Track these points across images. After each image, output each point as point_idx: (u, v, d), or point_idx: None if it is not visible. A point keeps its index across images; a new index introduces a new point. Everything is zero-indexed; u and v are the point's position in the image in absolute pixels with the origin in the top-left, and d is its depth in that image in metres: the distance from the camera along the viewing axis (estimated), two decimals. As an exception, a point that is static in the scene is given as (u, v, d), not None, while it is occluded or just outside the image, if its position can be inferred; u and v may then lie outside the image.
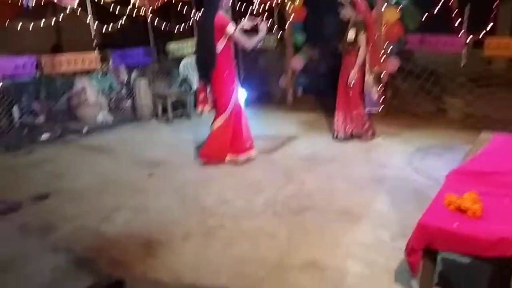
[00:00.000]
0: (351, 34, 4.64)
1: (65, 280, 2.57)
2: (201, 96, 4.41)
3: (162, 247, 2.89)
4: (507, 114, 5.18)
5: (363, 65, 4.73)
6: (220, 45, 4.07)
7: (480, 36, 5.10)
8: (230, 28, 4.01)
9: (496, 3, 4.90)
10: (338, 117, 5.01)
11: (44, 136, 5.50)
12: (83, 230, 3.17)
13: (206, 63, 4.17)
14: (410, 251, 2.06)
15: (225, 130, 4.29)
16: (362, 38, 4.61)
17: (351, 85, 4.77)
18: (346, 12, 4.69)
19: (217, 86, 4.22)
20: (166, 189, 3.87)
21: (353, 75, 4.71)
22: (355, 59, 4.69)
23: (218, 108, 4.31)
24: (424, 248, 2.02)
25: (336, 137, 5.06)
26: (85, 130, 5.77)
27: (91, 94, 6.07)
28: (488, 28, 5.02)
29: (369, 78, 4.78)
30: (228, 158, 4.40)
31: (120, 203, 3.60)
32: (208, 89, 4.32)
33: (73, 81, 5.99)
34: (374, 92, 4.83)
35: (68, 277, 2.60)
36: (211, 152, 4.39)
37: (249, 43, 4.17)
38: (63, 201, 3.70)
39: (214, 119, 4.36)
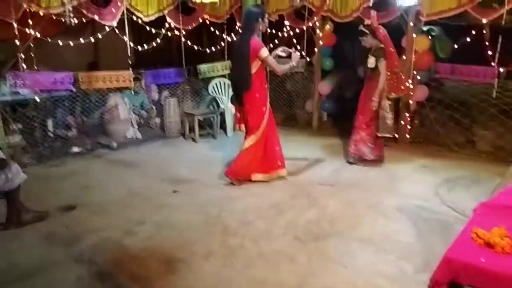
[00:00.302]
0: (371, 61, 4.80)
1: (87, 291, 2.63)
2: (238, 115, 4.58)
3: (182, 265, 2.91)
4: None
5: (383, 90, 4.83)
6: (253, 68, 4.20)
7: (512, 68, 5.02)
8: (264, 52, 4.15)
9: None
10: (351, 141, 5.11)
11: (76, 149, 5.69)
12: (107, 242, 3.24)
13: (240, 84, 4.31)
14: (434, 284, 2.01)
15: (256, 149, 4.40)
16: (382, 65, 4.73)
17: (373, 109, 4.86)
18: (367, 40, 4.83)
19: (249, 107, 4.33)
20: (190, 206, 3.92)
21: (376, 100, 4.81)
22: (376, 84, 4.79)
23: (249, 128, 4.41)
24: (449, 283, 1.97)
25: (349, 160, 5.15)
26: (115, 145, 5.94)
27: (123, 111, 6.26)
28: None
29: (385, 104, 4.86)
30: (255, 177, 4.46)
31: (144, 217, 3.67)
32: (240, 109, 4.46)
33: (107, 97, 6.21)
34: (388, 118, 4.90)
35: (90, 288, 2.66)
36: (239, 170, 4.45)
37: (280, 69, 4.30)
38: (90, 213, 3.80)
39: (245, 138, 4.45)
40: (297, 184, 4.47)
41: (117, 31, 5.49)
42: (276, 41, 7.03)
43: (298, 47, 6.22)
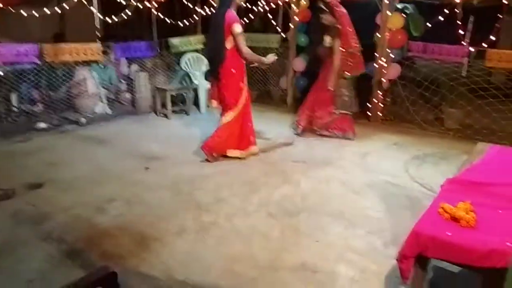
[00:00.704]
0: (327, 40, 4.96)
1: (57, 270, 2.57)
2: (212, 90, 4.50)
3: (155, 242, 2.89)
4: (504, 126, 5.21)
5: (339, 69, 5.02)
6: (229, 42, 4.11)
7: (482, 47, 5.12)
8: (236, 27, 4.06)
9: (498, 16, 4.92)
10: (301, 113, 5.35)
11: (42, 124, 5.48)
12: (77, 220, 3.17)
13: (215, 57, 4.23)
14: (402, 257, 2.07)
15: (233, 126, 4.36)
16: (337, 44, 4.89)
17: (330, 87, 5.04)
18: (326, 18, 4.94)
19: (225, 82, 4.26)
20: (162, 183, 3.87)
21: (332, 78, 5.00)
22: (330, 62, 5.00)
23: (226, 104, 4.35)
24: (417, 256, 2.03)
25: (297, 132, 5.39)
26: (83, 121, 5.76)
27: (91, 85, 6.05)
28: (490, 40, 5.04)
29: (342, 82, 5.06)
30: (230, 152, 4.45)
31: (115, 195, 3.60)
32: (216, 85, 4.38)
33: (74, 71, 5.97)
34: (345, 95, 5.12)
35: (60, 266, 2.60)
36: (216, 145, 4.41)
37: (247, 51, 4.18)
38: (58, 190, 3.69)
39: (222, 115, 4.40)
40: (270, 162, 4.48)
41: (84, 1, 5.24)
42: (251, 16, 6.91)
43: (274, 22, 6.12)
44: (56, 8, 5.10)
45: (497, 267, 1.80)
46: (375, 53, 5.79)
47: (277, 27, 6.97)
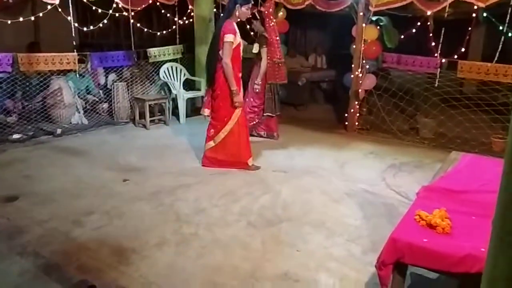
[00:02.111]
0: (255, 47, 5.31)
1: (33, 285, 2.51)
2: (206, 99, 4.55)
3: (134, 254, 2.85)
4: (475, 136, 5.39)
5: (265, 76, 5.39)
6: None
7: (453, 59, 5.32)
8: (226, 37, 4.08)
9: (468, 29, 5.13)
10: None
11: (16, 135, 5.34)
12: (53, 234, 3.10)
13: (209, 67, 4.30)
14: (380, 264, 2.11)
15: (236, 137, 4.38)
16: (264, 51, 5.26)
17: (256, 92, 5.41)
18: (256, 25, 5.34)
19: (220, 92, 4.28)
20: (141, 195, 3.82)
21: (258, 84, 5.36)
22: (258, 69, 5.34)
23: (219, 114, 4.34)
24: (395, 262, 2.08)
25: None
26: (59, 131, 5.64)
27: (67, 95, 5.95)
28: (461, 52, 5.23)
29: (268, 87, 5.47)
30: (251, 161, 4.51)
31: (93, 207, 3.53)
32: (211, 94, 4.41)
33: (50, 80, 5.86)
34: (270, 99, 5.54)
35: (36, 281, 2.54)
36: (220, 158, 4.47)
37: (225, 63, 4.11)
38: (33, 203, 3.60)
39: (216, 132, 4.39)
40: (251, 171, 4.49)
41: (60, 9, 5.16)
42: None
43: (252, 33, 6.19)
44: (31, 17, 5.01)
45: (472, 272, 1.85)
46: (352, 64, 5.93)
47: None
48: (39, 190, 3.88)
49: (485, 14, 5.34)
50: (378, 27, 5.90)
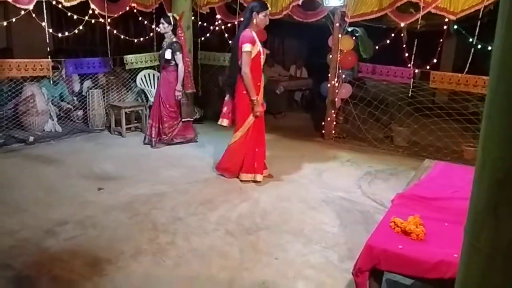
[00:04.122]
0: (167, 53, 5.33)
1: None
2: (225, 109, 4.45)
3: (109, 265, 2.79)
4: (447, 144, 5.55)
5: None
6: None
7: (426, 69, 5.48)
8: (244, 47, 4.06)
9: (440, 41, 5.30)
10: (152, 125, 5.58)
11: (-15, 143, 5.17)
12: (24, 244, 3.00)
13: (230, 75, 4.32)
14: (357, 271, 2.14)
15: (241, 146, 4.32)
16: (179, 58, 5.33)
17: (177, 99, 5.48)
18: (165, 27, 5.34)
19: (237, 101, 4.26)
20: (116, 204, 3.75)
21: (179, 90, 5.43)
22: (171, 75, 5.40)
23: (237, 122, 4.35)
24: (371, 269, 2.11)
25: (146, 142, 5.66)
26: (31, 139, 5.48)
27: (40, 102, 5.80)
28: (433, 62, 5.40)
29: (183, 93, 5.54)
30: (244, 177, 4.37)
31: (67, 217, 3.44)
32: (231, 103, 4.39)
33: (22, 87, 5.71)
34: (185, 104, 5.65)
35: (5, 295, 2.45)
36: (227, 166, 4.45)
37: (245, 73, 4.06)
38: (3, 213, 3.48)
39: (234, 132, 4.41)
40: (228, 180, 4.48)
41: (34, 15, 5.05)
42: (208, 35, 6.97)
43: (230, 42, 6.21)
44: (3, 22, 4.88)
45: (446, 278, 1.90)
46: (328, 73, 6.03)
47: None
48: (10, 199, 3.76)
49: (455, 27, 5.53)
50: (354, 38, 6.02)
